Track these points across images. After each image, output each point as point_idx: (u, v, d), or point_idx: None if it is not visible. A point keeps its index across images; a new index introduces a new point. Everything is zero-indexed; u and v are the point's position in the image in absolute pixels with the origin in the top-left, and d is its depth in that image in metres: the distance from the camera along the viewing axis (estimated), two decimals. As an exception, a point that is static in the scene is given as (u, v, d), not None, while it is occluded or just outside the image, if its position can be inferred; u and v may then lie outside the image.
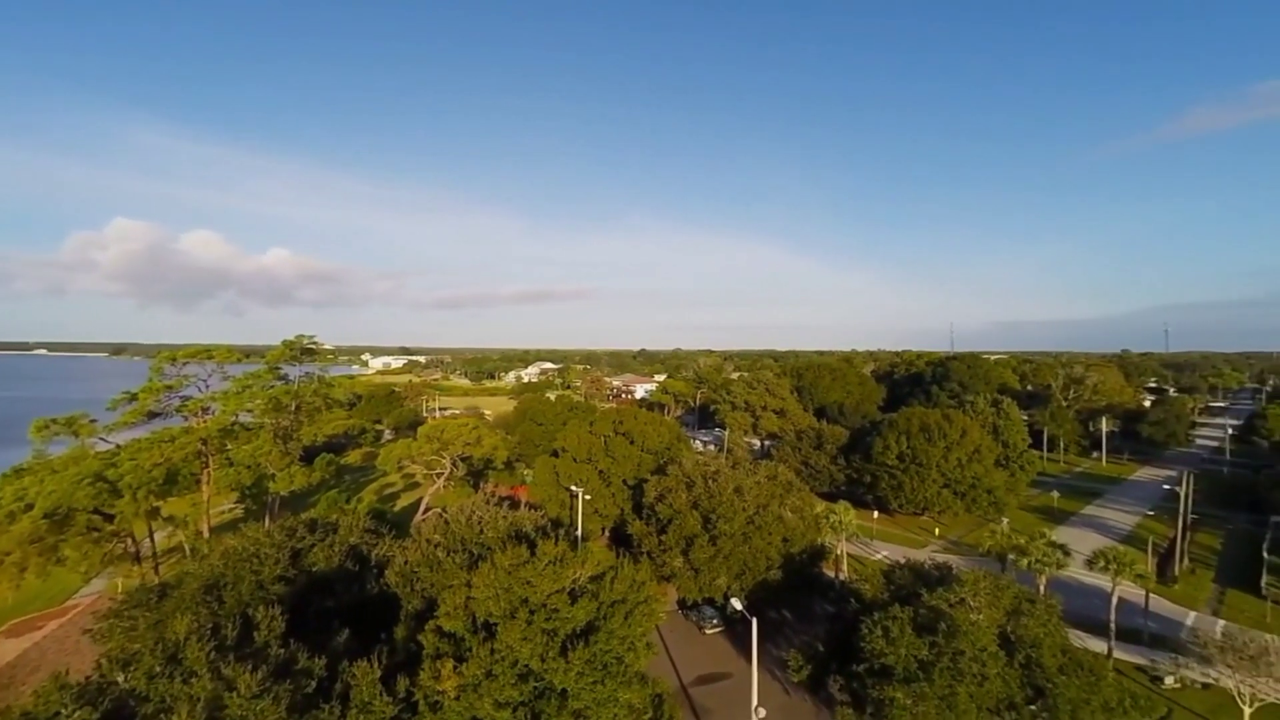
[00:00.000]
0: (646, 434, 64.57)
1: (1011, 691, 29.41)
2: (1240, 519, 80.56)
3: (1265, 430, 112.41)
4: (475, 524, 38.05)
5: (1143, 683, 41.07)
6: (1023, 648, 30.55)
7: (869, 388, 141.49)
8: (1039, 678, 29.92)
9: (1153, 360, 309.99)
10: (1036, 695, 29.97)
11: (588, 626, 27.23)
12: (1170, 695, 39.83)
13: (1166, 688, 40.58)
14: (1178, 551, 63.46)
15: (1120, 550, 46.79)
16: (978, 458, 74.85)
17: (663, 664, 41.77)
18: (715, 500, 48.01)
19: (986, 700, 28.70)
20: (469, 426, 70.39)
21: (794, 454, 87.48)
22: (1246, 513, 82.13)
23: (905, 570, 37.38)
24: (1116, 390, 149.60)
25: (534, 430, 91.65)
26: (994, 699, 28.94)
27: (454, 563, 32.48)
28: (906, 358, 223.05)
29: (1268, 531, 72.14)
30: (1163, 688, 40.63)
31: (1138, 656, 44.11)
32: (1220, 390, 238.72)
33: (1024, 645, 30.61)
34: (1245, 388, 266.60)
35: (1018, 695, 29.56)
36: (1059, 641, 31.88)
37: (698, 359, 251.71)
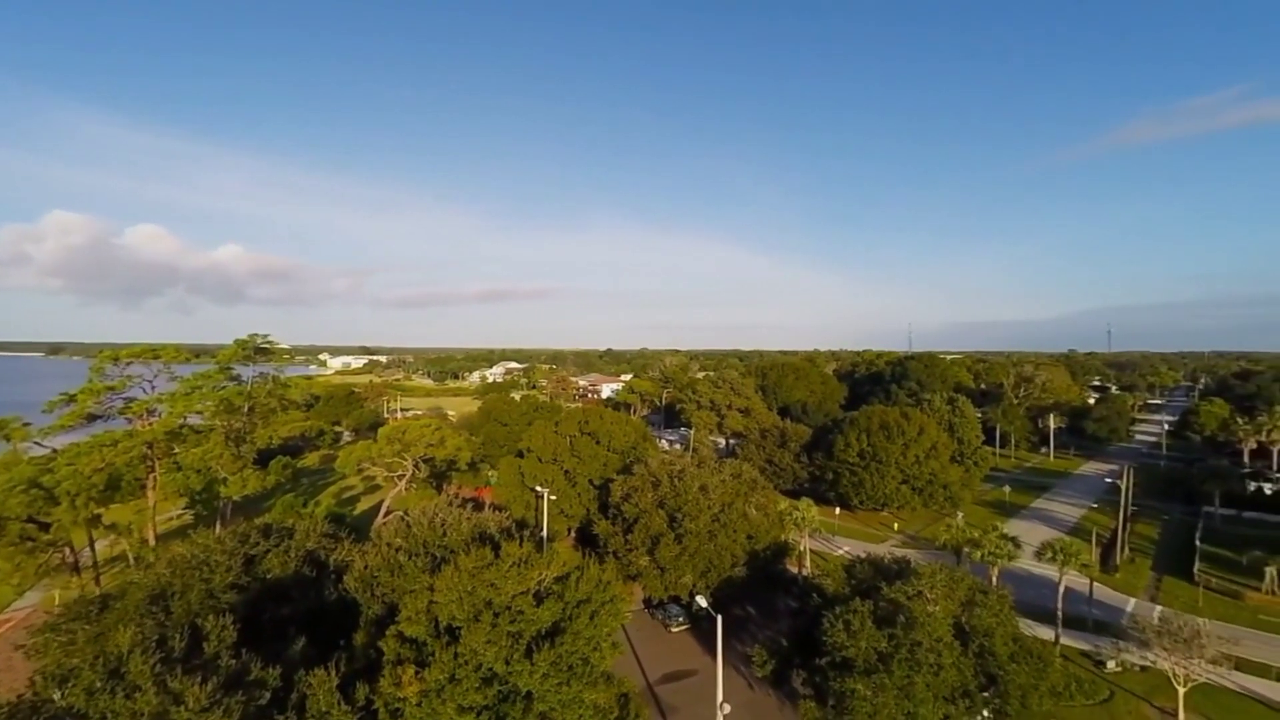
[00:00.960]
0: (612, 434, 64.50)
1: (966, 680, 30.41)
2: (1176, 510, 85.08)
3: (1198, 426, 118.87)
4: (438, 526, 37.39)
5: (1087, 667, 43.02)
6: (976, 637, 31.62)
7: (831, 387, 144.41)
8: (991, 666, 31.03)
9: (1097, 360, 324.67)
10: (989, 683, 31.09)
11: (553, 628, 27.05)
12: (1112, 679, 41.81)
13: (1109, 671, 42.57)
14: (1119, 542, 66.66)
15: (1067, 542, 48.87)
16: (934, 454, 77.16)
17: (629, 663, 41.80)
18: (681, 499, 48.27)
19: (942, 689, 29.61)
20: (432, 427, 69.14)
21: (758, 452, 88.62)
22: (1181, 504, 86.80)
23: (866, 565, 38.27)
24: (1063, 388, 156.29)
25: (499, 431, 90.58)
26: (949, 687, 29.87)
27: (416, 566, 31.86)
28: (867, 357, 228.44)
29: (1200, 521, 76.53)
30: (1105, 672, 42.61)
31: (1083, 642, 46.15)
32: (1158, 388, 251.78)
33: (977, 635, 31.68)
34: (1180, 386, 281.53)
35: (971, 683, 30.59)
36: (1010, 630, 33.09)
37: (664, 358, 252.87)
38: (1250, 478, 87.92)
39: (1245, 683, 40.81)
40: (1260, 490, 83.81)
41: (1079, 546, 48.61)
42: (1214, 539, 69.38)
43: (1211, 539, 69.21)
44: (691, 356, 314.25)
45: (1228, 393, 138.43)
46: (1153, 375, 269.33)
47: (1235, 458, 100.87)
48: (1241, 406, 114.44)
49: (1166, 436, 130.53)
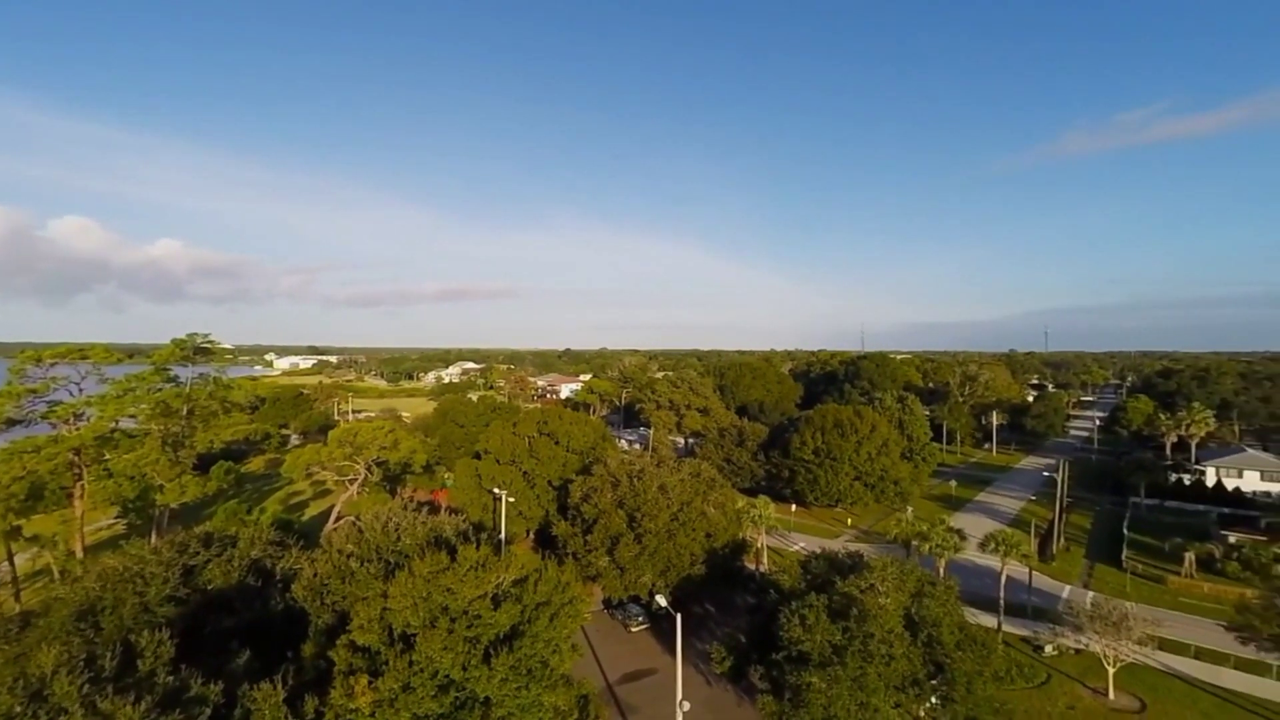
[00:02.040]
0: (571, 434, 64.12)
1: (915, 669, 31.47)
2: (1106, 500, 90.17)
3: (1125, 421, 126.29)
4: (391, 531, 36.39)
5: (1026, 652, 45.15)
6: (925, 627, 32.75)
7: (787, 386, 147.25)
8: (939, 654, 32.19)
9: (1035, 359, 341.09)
10: (937, 671, 32.24)
11: (512, 631, 26.71)
12: (1049, 662, 44.00)
13: (1046, 655, 44.79)
14: (1055, 532, 70.21)
15: (1008, 533, 51.21)
16: (886, 451, 79.59)
17: (588, 664, 41.64)
18: (640, 499, 48.37)
19: (893, 678, 30.56)
20: (385, 429, 67.22)
21: (717, 451, 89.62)
22: (1111, 495, 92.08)
23: (821, 560, 39.15)
24: (1005, 387, 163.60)
25: (455, 432, 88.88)
26: (900, 677, 30.86)
27: (368, 573, 30.93)
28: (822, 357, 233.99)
29: (1127, 511, 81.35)
30: (1043, 656, 44.81)
31: (1023, 629, 48.41)
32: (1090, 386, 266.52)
33: (926, 625, 32.82)
34: (1110, 384, 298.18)
35: (920, 672, 31.68)
36: (956, 620, 34.40)
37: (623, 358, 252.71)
38: (1171, 469, 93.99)
39: (1168, 661, 43.60)
40: (1180, 481, 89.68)
41: (1019, 538, 50.99)
42: (1140, 527, 73.85)
43: (1138, 527, 73.65)
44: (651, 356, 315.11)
45: (1152, 390, 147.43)
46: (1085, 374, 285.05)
47: (1159, 451, 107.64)
48: (1164, 403, 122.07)
49: (1098, 431, 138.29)
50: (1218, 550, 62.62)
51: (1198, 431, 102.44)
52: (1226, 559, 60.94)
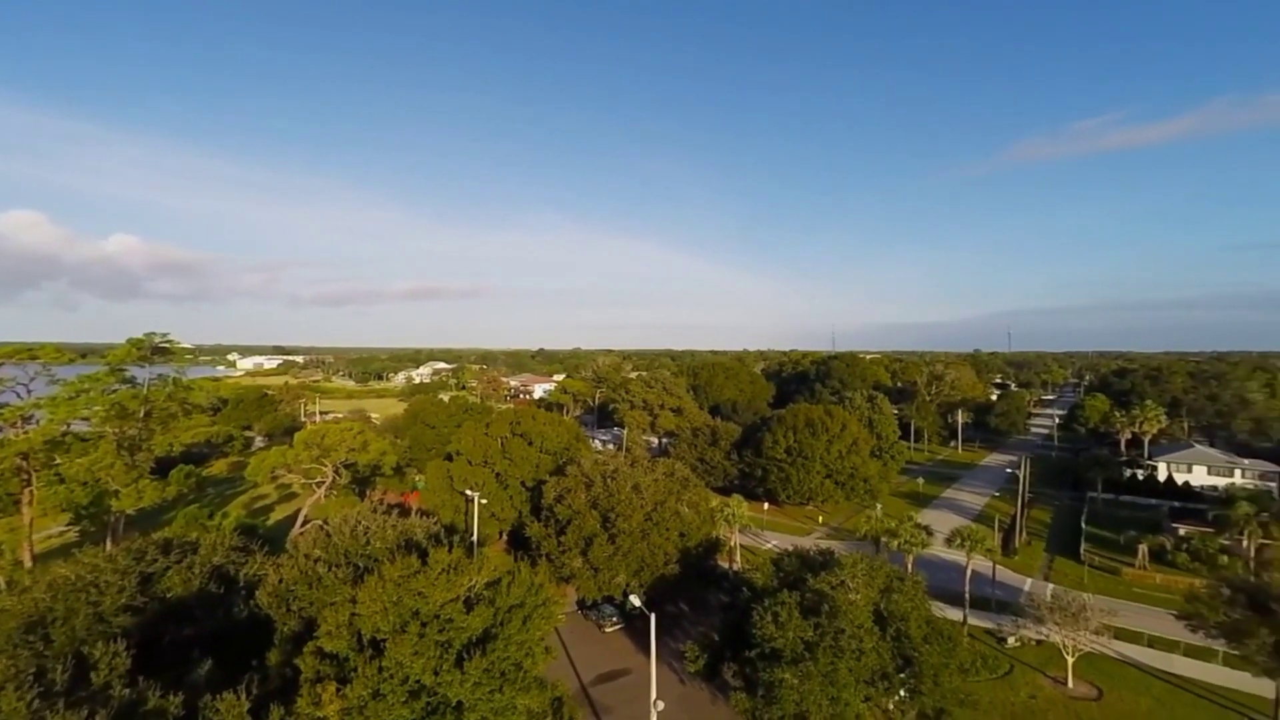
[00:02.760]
0: (545, 434, 63.75)
1: (884, 662, 32.11)
2: (1065, 495, 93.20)
3: (1083, 419, 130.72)
4: (361, 535, 35.70)
5: (990, 644, 46.41)
6: (893, 622, 33.44)
7: (760, 386, 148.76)
8: (907, 648, 32.90)
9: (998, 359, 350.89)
10: (905, 664, 32.94)
11: (484, 634, 26.44)
12: (1012, 653, 45.30)
13: (1009, 647, 46.10)
14: (1018, 527, 72.34)
15: (973, 528, 52.55)
16: (856, 449, 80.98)
17: (562, 666, 41.45)
18: (614, 499, 48.33)
19: (863, 673, 31.14)
20: (353, 431, 65.92)
21: (690, 451, 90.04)
22: (1070, 490, 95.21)
23: (793, 558, 39.63)
24: (970, 386, 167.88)
25: (426, 433, 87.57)
26: (869, 671, 31.46)
27: (336, 578, 30.29)
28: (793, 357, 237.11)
29: (1085, 505, 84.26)
30: (1006, 647, 46.11)
31: (987, 621, 49.75)
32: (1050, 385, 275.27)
33: (895, 619, 33.51)
34: (1069, 383, 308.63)
35: (889, 665, 32.34)
36: (924, 614, 35.19)
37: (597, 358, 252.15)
38: (1126, 465, 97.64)
39: (1123, 650, 45.29)
40: (1134, 476, 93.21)
41: (984, 533, 52.40)
42: (1097, 521, 76.53)
43: (1095, 521, 76.32)
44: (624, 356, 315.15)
45: (1108, 389, 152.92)
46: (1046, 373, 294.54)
47: (1114, 447, 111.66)
48: (1119, 401, 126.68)
49: (1057, 429, 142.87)
50: (1169, 542, 65.27)
51: (1150, 429, 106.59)
52: (1177, 550, 63.56)
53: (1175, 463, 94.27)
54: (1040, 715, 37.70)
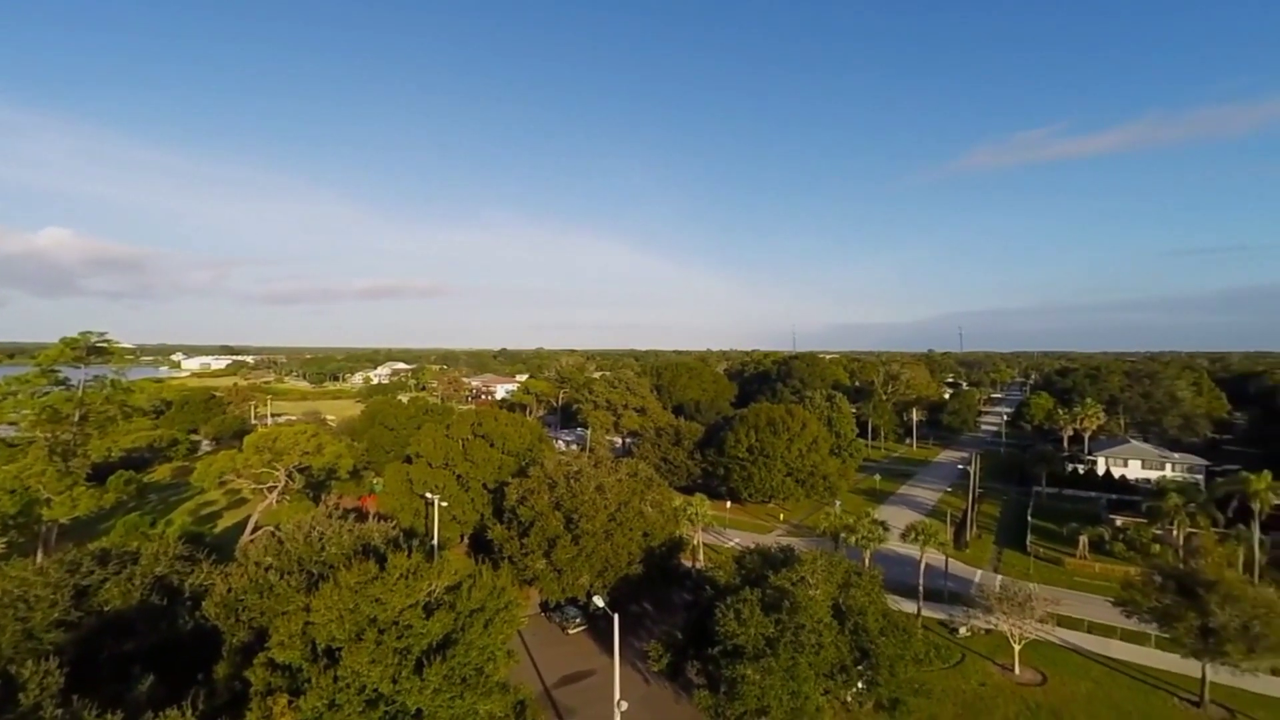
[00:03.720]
0: (507, 435, 63.04)
1: (843, 656, 32.88)
2: (1013, 490, 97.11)
3: (1029, 416, 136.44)
4: (315, 541, 34.62)
5: (943, 635, 47.98)
6: (852, 616, 34.27)
7: (722, 385, 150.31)
8: (864, 641, 33.76)
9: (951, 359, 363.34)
10: (863, 657, 33.80)
11: (445, 640, 25.99)
12: (963, 643, 46.97)
13: (961, 637, 47.78)
14: (969, 520, 75.03)
15: (927, 523, 54.29)
16: (815, 448, 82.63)
17: (525, 669, 41.06)
18: (577, 500, 48.13)
19: (823, 667, 31.81)
20: (307, 434, 63.87)
21: (654, 450, 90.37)
22: (1017, 484, 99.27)
23: (754, 555, 40.20)
24: (924, 385, 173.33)
25: (384, 435, 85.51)
26: (829, 664, 32.16)
27: (289, 586, 29.32)
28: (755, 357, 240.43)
29: (1031, 499, 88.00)
30: (958, 637, 47.78)
31: (940, 612, 51.43)
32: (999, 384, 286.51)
33: (853, 614, 34.35)
34: (1016, 381, 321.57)
35: (848, 658, 33.13)
36: (880, 607, 36.18)
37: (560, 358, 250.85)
38: (1068, 460, 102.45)
39: (1065, 636, 47.47)
40: (1076, 471, 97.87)
41: (937, 527, 54.18)
42: (1042, 514, 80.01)
43: (1040, 514, 79.76)
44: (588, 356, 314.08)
45: (1051, 388, 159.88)
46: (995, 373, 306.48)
47: (1058, 443, 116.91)
48: (1062, 399, 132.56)
49: (1006, 426, 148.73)
50: (1107, 533, 68.70)
51: (1090, 425, 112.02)
52: (1114, 541, 66.96)
53: (1113, 457, 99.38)
54: (989, 702, 39.17)
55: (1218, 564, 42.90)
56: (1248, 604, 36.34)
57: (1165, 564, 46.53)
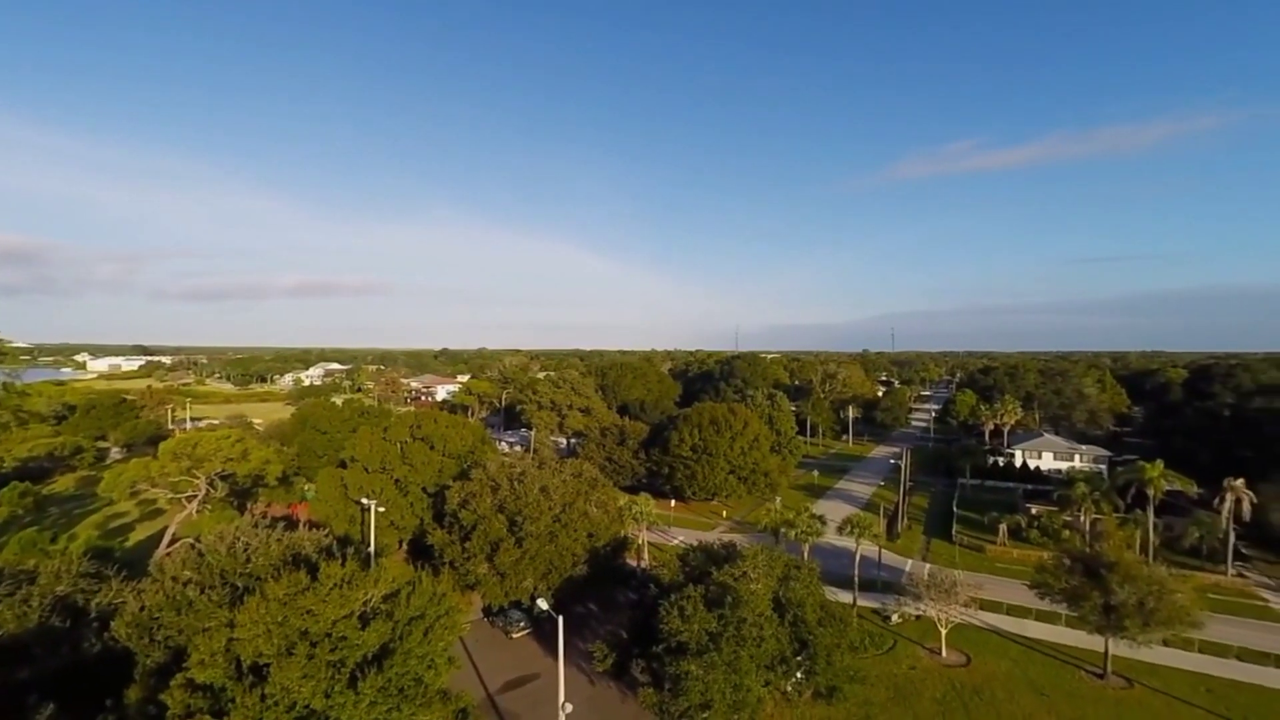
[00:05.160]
0: (448, 437, 61.55)
1: (783, 647, 33.85)
2: (940, 482, 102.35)
3: (955, 412, 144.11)
4: (240, 552, 32.74)
5: (876, 623, 50.13)
6: (791, 608, 35.33)
7: (667, 385, 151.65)
8: (803, 632, 34.88)
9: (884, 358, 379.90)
10: (801, 647, 34.91)
11: (381, 650, 25.15)
12: (895, 629, 49.20)
13: (893, 624, 50.02)
14: (900, 513, 78.62)
15: (862, 516, 56.54)
16: (757, 445, 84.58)
17: (467, 676, 40.23)
18: (521, 502, 47.53)
19: (764, 658, 32.65)
20: (232, 439, 60.42)
21: (599, 450, 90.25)
22: (944, 477, 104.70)
23: (698, 552, 40.82)
24: (859, 384, 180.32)
25: (316, 439, 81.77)
26: (769, 656, 33.04)
27: (211, 600, 27.63)
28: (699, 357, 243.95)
29: (956, 491, 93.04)
30: (890, 624, 50.00)
31: (874, 601, 53.67)
32: (928, 382, 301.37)
33: (792, 606, 35.41)
34: (943, 380, 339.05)
35: (787, 649, 34.14)
36: (818, 599, 37.47)
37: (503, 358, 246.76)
38: (990, 453, 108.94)
39: (987, 619, 50.47)
40: (996, 463, 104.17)
41: (871, 520, 56.51)
42: (966, 505, 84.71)
43: (964, 505, 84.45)
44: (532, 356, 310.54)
45: (975, 385, 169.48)
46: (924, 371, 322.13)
47: (981, 437, 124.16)
48: (984, 396, 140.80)
49: (934, 422, 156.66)
50: (1023, 521, 73.47)
51: (1009, 420, 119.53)
52: (1030, 528, 71.68)
53: (1028, 450, 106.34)
54: (919, 684, 41.19)
55: (1118, 546, 46.65)
56: (1143, 582, 39.71)
57: (1073, 548, 50.17)
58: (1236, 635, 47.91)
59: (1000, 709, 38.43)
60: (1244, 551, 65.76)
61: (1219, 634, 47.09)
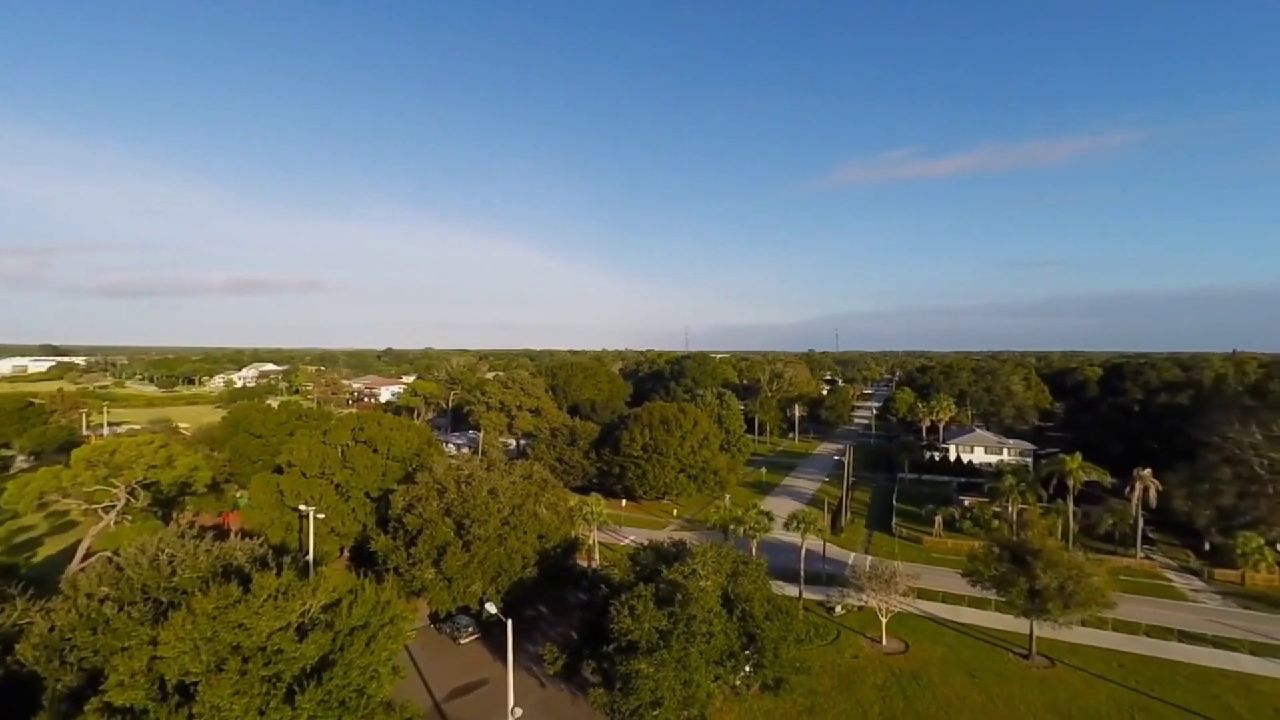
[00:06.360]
0: (392, 440, 59.74)
1: (731, 642, 34.42)
2: (881, 477, 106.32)
3: (894, 410, 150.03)
4: (164, 565, 30.86)
5: (821, 614, 51.65)
6: (739, 603, 35.96)
7: (618, 385, 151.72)
8: (751, 626, 35.56)
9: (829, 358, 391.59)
10: (750, 641, 35.58)
11: (321, 662, 24.19)
12: (839, 620, 50.81)
13: (837, 615, 51.64)
14: (843, 507, 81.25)
15: (807, 512, 58.10)
16: (706, 444, 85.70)
17: (413, 685, 39.15)
18: (469, 505, 46.61)
19: (713, 654, 33.11)
20: (154, 445, 56.79)
21: (549, 451, 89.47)
22: (885, 472, 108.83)
23: (648, 551, 41.01)
24: (805, 383, 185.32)
25: (250, 444, 77.76)
26: (719, 652, 33.54)
27: (130, 618, 25.93)
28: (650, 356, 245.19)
29: (896, 485, 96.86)
30: (834, 616, 51.60)
31: (819, 594, 55.27)
32: (870, 380, 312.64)
33: (740, 601, 36.06)
34: (884, 378, 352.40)
35: (736, 644, 34.73)
36: (766, 593, 38.27)
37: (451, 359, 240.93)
38: (927, 448, 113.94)
39: (924, 607, 52.75)
40: (933, 458, 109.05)
41: (815, 515, 58.15)
42: (905, 498, 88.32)
43: (903, 498, 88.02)
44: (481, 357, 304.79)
45: (913, 383, 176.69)
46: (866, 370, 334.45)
47: (918, 433, 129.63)
48: (922, 394, 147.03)
49: (875, 419, 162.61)
50: (957, 512, 77.20)
51: (944, 416, 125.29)
52: (963, 519, 75.40)
53: (962, 444, 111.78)
54: (861, 672, 42.69)
55: (1041, 534, 49.55)
56: (1064, 567, 42.41)
57: (1002, 537, 53.04)
58: (1144, 613, 51.85)
59: (935, 692, 40.27)
60: (1151, 536, 71.12)
61: (1129, 613, 50.79)
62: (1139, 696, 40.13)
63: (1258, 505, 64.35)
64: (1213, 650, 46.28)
